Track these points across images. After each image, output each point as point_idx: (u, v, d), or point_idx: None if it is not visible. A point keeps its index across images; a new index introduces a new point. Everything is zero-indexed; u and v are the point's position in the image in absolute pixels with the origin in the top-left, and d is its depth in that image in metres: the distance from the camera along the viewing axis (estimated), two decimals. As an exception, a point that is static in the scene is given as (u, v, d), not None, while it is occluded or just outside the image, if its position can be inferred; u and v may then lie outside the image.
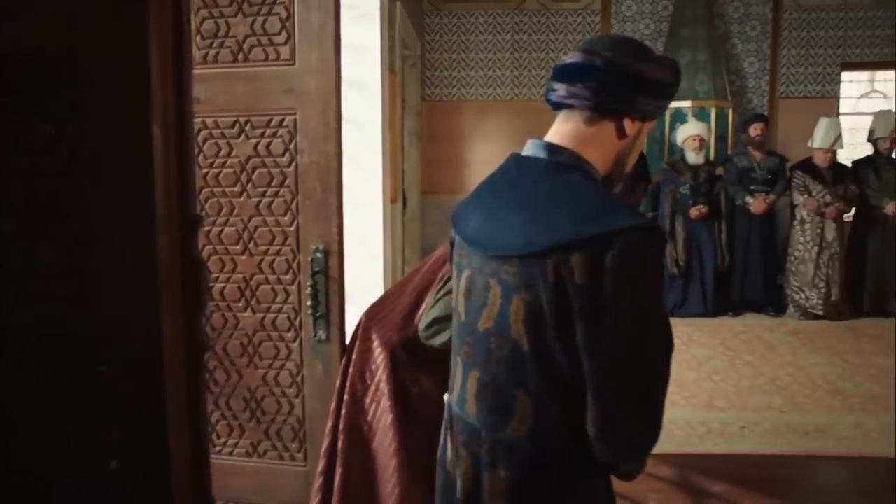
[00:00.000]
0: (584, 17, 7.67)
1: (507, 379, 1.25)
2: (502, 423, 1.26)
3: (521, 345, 1.22)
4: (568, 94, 1.30)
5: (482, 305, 1.29)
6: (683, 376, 4.62)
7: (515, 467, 1.25)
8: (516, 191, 1.28)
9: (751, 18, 7.57)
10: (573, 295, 1.14)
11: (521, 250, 1.20)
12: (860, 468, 3.39)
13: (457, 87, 7.75)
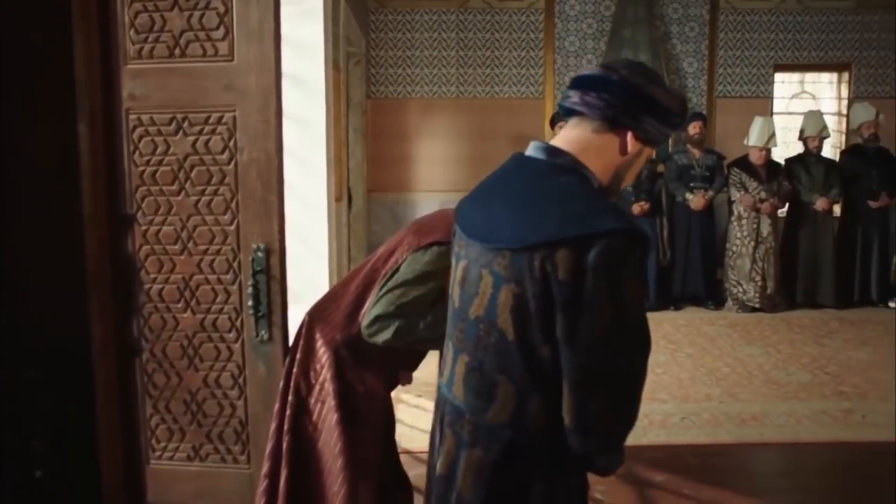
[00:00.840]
0: (529, 15, 7.74)
1: (492, 365, 1.31)
2: (485, 406, 1.32)
3: (507, 334, 1.28)
4: (581, 102, 1.35)
5: (474, 294, 1.35)
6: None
7: (492, 450, 1.31)
8: (513, 188, 1.36)
9: (689, 20, 7.76)
10: (556, 290, 1.21)
11: (513, 244, 1.27)
12: (793, 453, 3.53)
13: (402, 84, 7.73)
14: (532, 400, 1.28)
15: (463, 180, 7.74)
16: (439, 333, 1.91)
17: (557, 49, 7.75)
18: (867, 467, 3.40)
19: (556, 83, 7.77)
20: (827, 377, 4.62)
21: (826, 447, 3.60)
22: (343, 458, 1.92)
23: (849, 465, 3.44)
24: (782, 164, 6.70)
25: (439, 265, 1.87)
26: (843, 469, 3.43)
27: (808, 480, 3.25)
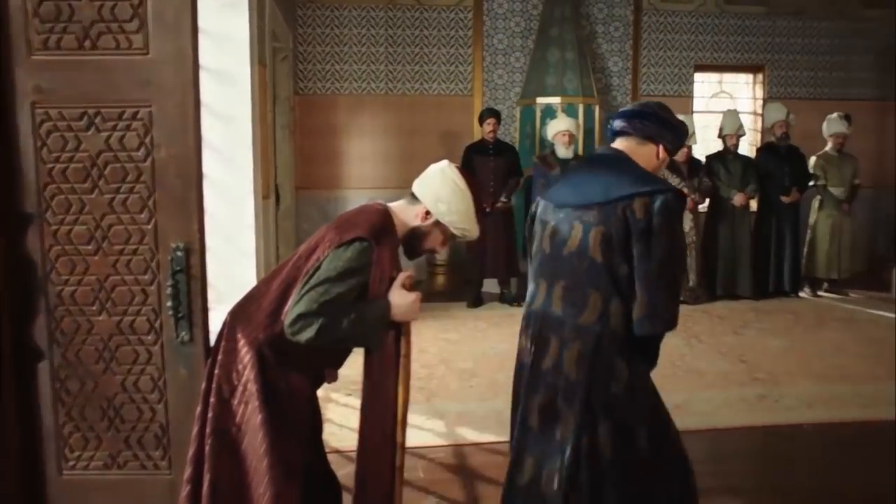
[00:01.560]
0: (457, 13, 7.78)
1: (585, 282, 1.99)
2: (580, 313, 1.99)
3: (596, 259, 1.97)
4: (627, 125, 2.14)
5: (566, 239, 2.04)
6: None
7: (587, 342, 1.97)
8: (594, 170, 2.17)
9: (614, 20, 7.96)
10: (633, 226, 1.93)
11: (601, 199, 1.99)
12: (713, 440, 3.65)
13: (331, 80, 7.65)
14: (612, 304, 1.96)
15: (393, 177, 7.74)
16: (362, 331, 1.90)
17: (486, 47, 7.82)
18: (780, 448, 3.58)
19: (485, 80, 7.84)
20: (744, 365, 4.82)
21: (742, 432, 3.75)
22: (268, 459, 1.89)
23: (763, 447, 3.59)
24: (703, 162, 6.94)
25: (361, 261, 1.85)
26: (758, 452, 3.57)
27: (727, 465, 3.38)
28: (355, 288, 1.86)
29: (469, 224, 2.04)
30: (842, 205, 7.01)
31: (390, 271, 2.00)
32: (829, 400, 4.17)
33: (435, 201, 2.00)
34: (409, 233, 2.05)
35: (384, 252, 1.93)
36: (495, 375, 4.52)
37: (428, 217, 2.02)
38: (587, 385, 1.96)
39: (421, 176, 2.08)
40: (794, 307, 6.68)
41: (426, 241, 2.07)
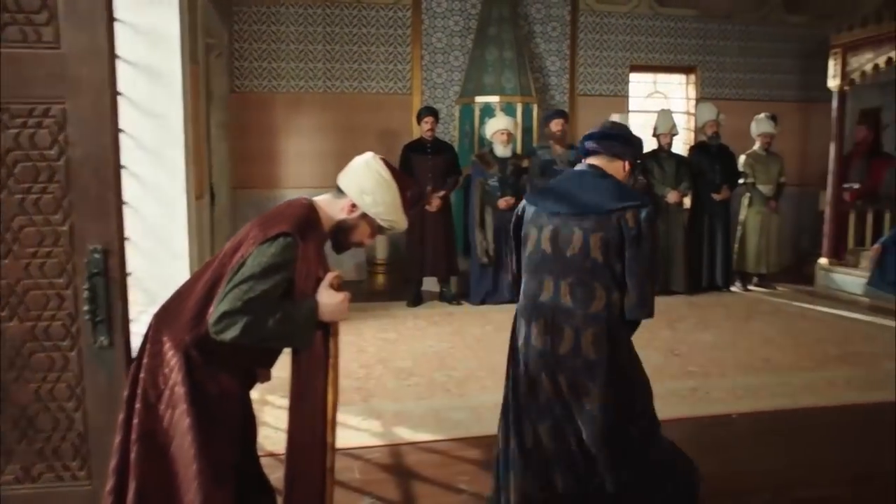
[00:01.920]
0: (396, 11, 7.74)
1: (590, 278, 2.38)
2: (589, 304, 2.38)
3: (598, 259, 2.36)
4: (598, 146, 2.54)
5: (568, 242, 2.40)
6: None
7: (599, 328, 2.37)
8: (584, 184, 2.49)
9: (551, 20, 8.05)
10: (626, 233, 2.34)
11: (599, 210, 2.38)
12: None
13: (268, 78, 7.53)
14: (613, 296, 2.37)
15: (332, 176, 7.50)
16: (289, 331, 1.86)
17: (425, 45, 7.81)
18: (709, 438, 3.67)
19: (424, 79, 7.83)
20: (676, 359, 4.94)
21: (674, 423, 3.82)
22: (197, 463, 1.84)
23: (693, 437, 3.67)
24: (637, 160, 7.07)
25: (286, 256, 1.82)
26: (689, 442, 3.64)
27: None
28: (281, 284, 1.82)
29: (396, 215, 2.03)
30: (769, 202, 7.27)
31: (317, 267, 1.97)
32: (757, 390, 4.30)
33: (360, 193, 1.98)
34: (335, 226, 2.02)
35: (309, 247, 1.90)
36: (433, 374, 4.52)
37: (354, 210, 2.00)
38: (607, 361, 2.39)
39: (345, 169, 2.06)
40: (726, 301, 6.90)
41: (353, 235, 2.05)
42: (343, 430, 3.60)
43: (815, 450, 3.47)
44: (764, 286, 7.48)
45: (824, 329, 5.83)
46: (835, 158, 7.23)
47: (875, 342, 5.41)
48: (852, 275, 6.97)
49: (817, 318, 6.26)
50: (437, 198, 6.39)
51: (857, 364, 4.84)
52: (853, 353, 5.12)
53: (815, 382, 4.45)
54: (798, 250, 8.91)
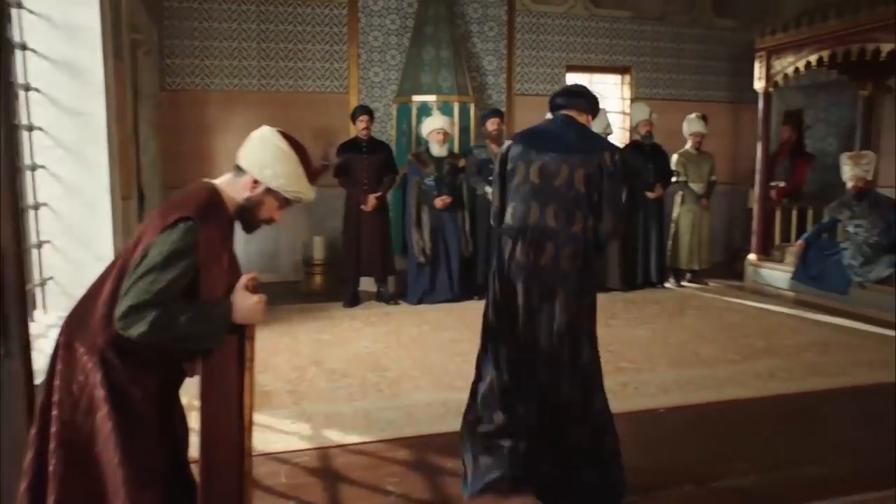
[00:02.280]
0: (332, 9, 7.67)
1: (572, 205, 2.80)
2: (570, 225, 2.79)
3: (581, 190, 2.80)
4: (568, 102, 3.01)
5: (556, 175, 2.83)
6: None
7: (578, 246, 2.79)
8: (567, 128, 2.96)
9: (488, 19, 8.09)
10: (605, 170, 2.81)
11: (584, 152, 2.85)
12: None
13: (200, 76, 7.36)
14: (588, 220, 2.80)
15: (269, 176, 7.53)
16: (200, 331, 1.80)
17: (362, 44, 7.76)
18: (637, 432, 3.74)
19: (361, 78, 7.78)
20: (610, 355, 4.98)
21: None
22: (122, 469, 1.78)
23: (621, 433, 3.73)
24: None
25: (187, 241, 1.77)
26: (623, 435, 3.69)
27: None
28: (186, 271, 1.77)
29: (300, 185, 1.99)
30: (700, 200, 7.46)
31: (223, 251, 1.91)
32: (685, 384, 4.40)
33: (260, 168, 1.94)
34: (240, 206, 1.97)
35: (212, 230, 1.84)
36: (367, 375, 4.49)
37: (256, 186, 1.95)
38: (578, 272, 2.80)
39: (243, 145, 2.01)
40: (660, 297, 7.05)
41: (261, 212, 2.01)
42: (271, 434, 3.56)
43: (737, 441, 3.57)
44: (697, 282, 7.67)
45: (751, 323, 6.01)
46: (761, 158, 7.46)
47: (798, 335, 5.61)
48: (778, 270, 7.20)
49: (745, 312, 6.45)
50: (372, 197, 6.35)
51: (780, 356, 5.00)
52: (777, 345, 5.29)
53: (740, 375, 4.58)
54: (730, 247, 9.17)
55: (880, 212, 6.40)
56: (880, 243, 6.36)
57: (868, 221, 6.43)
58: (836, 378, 4.50)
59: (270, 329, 5.63)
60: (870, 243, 6.38)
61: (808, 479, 3.13)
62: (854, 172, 6.45)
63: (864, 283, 6.30)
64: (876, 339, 5.49)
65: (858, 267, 6.34)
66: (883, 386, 4.37)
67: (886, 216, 6.36)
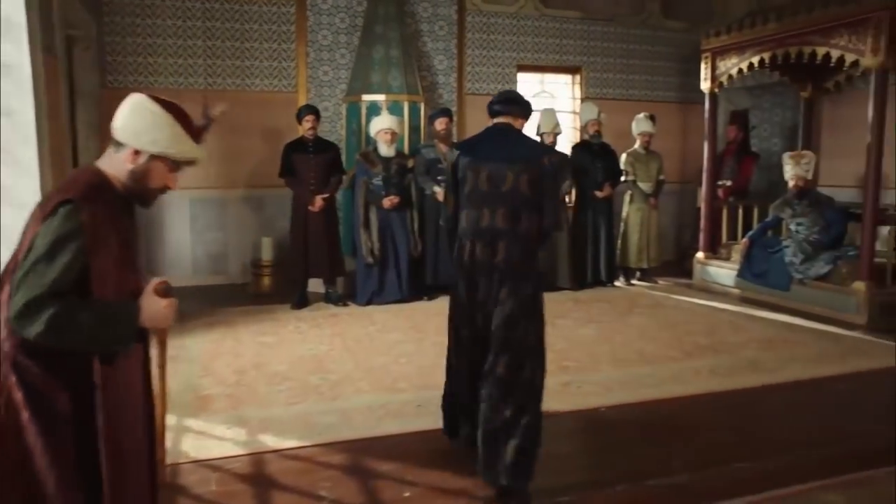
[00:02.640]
0: (280, 7, 7.57)
1: (518, 207, 3.09)
2: (517, 225, 3.09)
3: (525, 194, 3.09)
4: (505, 108, 3.30)
5: (502, 181, 3.11)
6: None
7: (523, 239, 3.10)
8: (506, 137, 3.25)
9: (438, 19, 8.06)
10: (545, 173, 3.13)
11: (527, 158, 3.15)
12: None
13: (144, 74, 7.20)
14: (533, 220, 3.11)
15: (215, 176, 7.43)
16: (104, 334, 1.71)
17: (311, 42, 7.67)
18: (576, 432, 3.76)
19: (310, 77, 7.69)
20: (554, 354, 4.97)
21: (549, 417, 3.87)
22: (53, 473, 1.71)
23: (566, 432, 3.74)
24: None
25: (72, 224, 1.69)
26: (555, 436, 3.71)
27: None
28: (77, 255, 1.68)
29: (183, 145, 1.91)
30: (649, 199, 7.54)
31: (112, 233, 1.82)
32: (627, 383, 4.42)
33: (136, 137, 1.85)
34: (128, 180, 1.88)
35: (98, 211, 1.75)
36: (308, 378, 4.43)
37: (137, 156, 1.86)
38: (526, 265, 3.15)
39: (114, 119, 1.92)
40: (609, 296, 7.10)
41: (151, 181, 1.90)
42: (206, 441, 3.49)
43: (675, 439, 3.60)
44: (646, 280, 7.76)
45: (696, 320, 6.09)
46: (708, 157, 7.57)
47: (741, 332, 5.70)
48: (725, 268, 7.32)
49: (691, 310, 6.54)
50: (319, 198, 6.28)
51: (722, 353, 5.08)
52: (720, 342, 5.37)
53: (682, 372, 4.63)
54: (680, 245, 9.30)
55: (820, 210, 6.54)
56: (820, 241, 6.50)
57: (809, 220, 6.57)
58: (774, 374, 4.58)
59: (214, 332, 5.54)
60: (810, 241, 6.52)
61: (741, 475, 3.17)
62: (795, 172, 6.58)
63: (805, 279, 6.43)
64: (814, 334, 5.62)
65: (799, 264, 6.47)
66: (819, 380, 4.47)
67: (825, 214, 6.50)
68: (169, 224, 7.41)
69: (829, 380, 4.48)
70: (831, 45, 6.02)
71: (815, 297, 6.34)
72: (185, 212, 7.44)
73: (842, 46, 5.93)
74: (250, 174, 7.50)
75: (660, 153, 7.73)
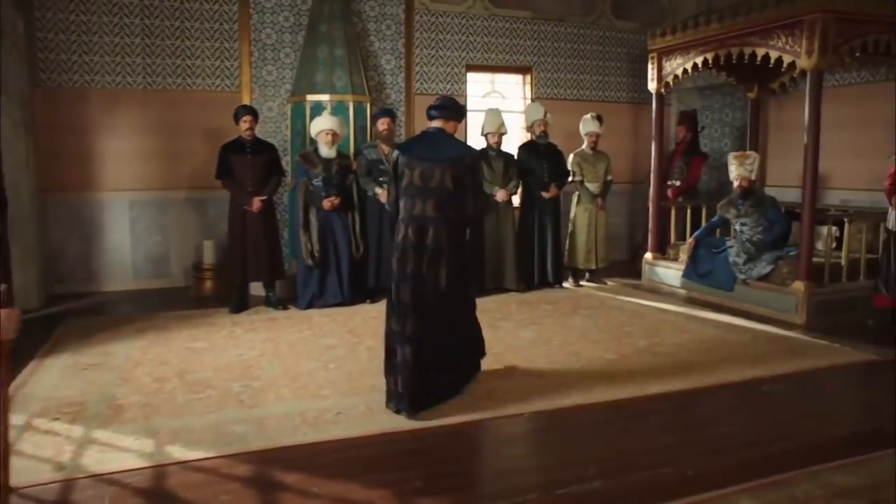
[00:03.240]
0: (222, 5, 7.42)
1: (444, 199, 3.90)
2: (447, 213, 3.91)
3: (450, 187, 3.90)
4: (439, 113, 4.11)
5: (431, 178, 3.89)
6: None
7: (455, 224, 3.98)
8: (438, 139, 4.07)
9: (386, 18, 7.96)
10: (468, 169, 3.98)
11: (453, 158, 3.95)
12: (422, 437, 3.67)
13: (79, 73, 7.01)
14: (458, 209, 3.94)
15: (156, 177, 7.27)
16: None
17: (254, 41, 7.53)
18: (497, 439, 3.67)
19: (254, 76, 7.56)
20: (491, 358, 4.90)
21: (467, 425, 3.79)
22: None
23: (478, 439, 3.66)
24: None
25: None
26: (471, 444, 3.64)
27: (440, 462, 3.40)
28: None
29: None
30: (596, 199, 7.50)
31: None
32: (558, 386, 4.33)
33: None
34: None
35: None
36: (231, 385, 4.30)
37: None
38: (455, 246, 3.99)
39: None
40: (555, 298, 7.03)
41: None
42: (110, 453, 3.35)
43: (595, 444, 3.55)
44: (595, 281, 7.72)
45: (638, 322, 6.05)
46: (655, 157, 7.57)
47: (681, 332, 5.66)
48: (672, 268, 7.32)
49: (634, 311, 6.50)
50: (257, 200, 6.14)
51: (660, 355, 5.02)
52: (658, 343, 5.31)
53: (616, 375, 4.54)
54: (632, 245, 9.30)
55: (763, 210, 6.56)
56: (763, 241, 6.52)
57: (752, 220, 6.59)
58: (706, 376, 4.53)
59: (144, 338, 5.39)
60: (753, 241, 6.53)
61: (657, 482, 3.11)
62: (738, 172, 6.60)
63: (748, 280, 6.45)
64: (751, 335, 5.60)
65: (742, 264, 6.48)
66: (748, 382, 4.45)
67: (767, 214, 6.52)
68: (108, 227, 7.22)
69: (757, 381, 4.46)
70: (769, 47, 6.03)
71: (757, 298, 6.35)
72: (124, 214, 7.26)
73: (779, 48, 5.94)
74: (192, 175, 7.33)
75: (607, 153, 7.68)
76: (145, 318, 6.01)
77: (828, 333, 5.55)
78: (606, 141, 8.28)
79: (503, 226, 7.08)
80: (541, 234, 7.31)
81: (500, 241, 7.08)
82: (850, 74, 7.50)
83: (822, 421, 3.89)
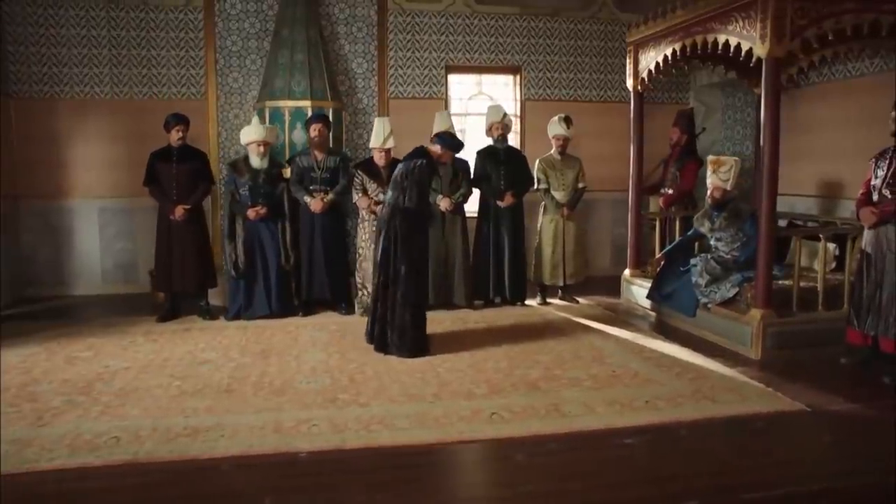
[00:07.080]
0: (187, 14, 7.45)
1: (400, 192, 5.21)
2: (402, 203, 5.15)
3: (403, 184, 5.20)
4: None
5: (398, 177, 5.28)
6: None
7: (404, 215, 5.13)
8: (414, 154, 5.36)
9: (357, 20, 7.70)
10: (414, 169, 5.21)
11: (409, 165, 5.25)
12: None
13: (49, 84, 7.26)
14: (407, 199, 5.15)
15: (124, 185, 7.38)
16: None
17: (219, 49, 7.51)
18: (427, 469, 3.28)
19: (219, 84, 7.53)
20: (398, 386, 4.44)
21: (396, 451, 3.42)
22: None
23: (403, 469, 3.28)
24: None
25: None
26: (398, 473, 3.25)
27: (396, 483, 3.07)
28: None
29: None
30: (561, 209, 6.76)
31: None
32: (423, 420, 3.84)
33: None
34: None
35: None
36: (76, 397, 4.15)
37: None
38: (411, 229, 5.09)
39: None
40: (503, 316, 6.33)
41: None
42: None
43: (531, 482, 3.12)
44: (566, 299, 7.01)
45: (556, 347, 5.30)
46: (633, 161, 6.80)
47: (599, 366, 4.85)
48: (645, 287, 6.51)
49: (569, 335, 5.69)
50: (181, 208, 6.04)
51: (571, 387, 4.34)
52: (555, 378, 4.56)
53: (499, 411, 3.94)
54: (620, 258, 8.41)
55: (740, 224, 5.70)
56: (738, 259, 5.66)
57: (728, 234, 5.77)
58: (572, 420, 3.86)
59: (44, 345, 5.40)
60: (721, 260, 5.69)
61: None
62: (712, 180, 5.78)
63: (709, 304, 5.60)
64: (679, 372, 4.73)
65: (704, 286, 5.66)
66: (608, 432, 3.72)
67: (744, 228, 5.66)
68: (77, 233, 7.43)
69: (619, 431, 3.73)
70: (728, 32, 5.20)
71: (716, 325, 5.51)
72: (93, 220, 7.44)
73: (737, 33, 5.10)
74: (158, 183, 7.39)
75: (579, 158, 6.90)
76: (72, 325, 6.06)
77: (779, 373, 4.64)
78: (607, 144, 7.62)
79: (450, 237, 6.52)
80: (497, 247, 6.68)
81: (449, 252, 6.53)
82: (862, 63, 6.38)
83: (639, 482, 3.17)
